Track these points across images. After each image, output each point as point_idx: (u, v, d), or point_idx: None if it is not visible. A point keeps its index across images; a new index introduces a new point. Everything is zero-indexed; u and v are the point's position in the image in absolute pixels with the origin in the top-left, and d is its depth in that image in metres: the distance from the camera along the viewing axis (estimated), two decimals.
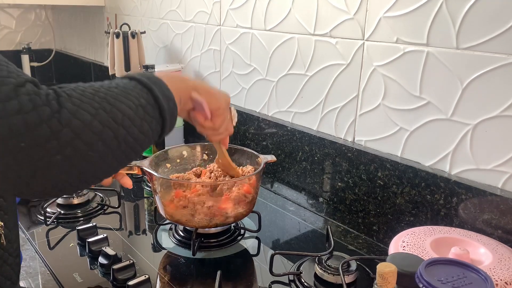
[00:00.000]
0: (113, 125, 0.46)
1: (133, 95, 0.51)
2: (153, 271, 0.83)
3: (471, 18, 0.78)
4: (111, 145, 0.46)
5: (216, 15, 1.34)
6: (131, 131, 0.49)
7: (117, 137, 0.47)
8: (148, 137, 0.52)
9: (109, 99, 0.47)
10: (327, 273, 0.78)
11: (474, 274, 0.56)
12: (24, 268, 0.83)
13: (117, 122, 0.47)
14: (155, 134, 0.54)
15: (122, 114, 0.48)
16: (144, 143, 0.52)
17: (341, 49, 1.00)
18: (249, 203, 0.91)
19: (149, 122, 0.52)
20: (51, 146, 0.41)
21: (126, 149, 0.49)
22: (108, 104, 0.47)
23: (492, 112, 0.78)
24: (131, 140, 0.49)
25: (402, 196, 0.91)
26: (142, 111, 0.51)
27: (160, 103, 0.54)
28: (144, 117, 0.51)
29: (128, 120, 0.48)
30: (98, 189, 1.14)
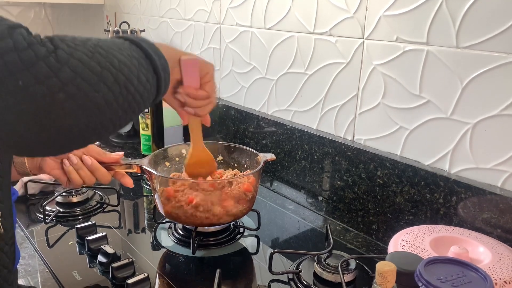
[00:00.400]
0: (111, 69, 0.45)
1: (124, 48, 0.50)
2: (152, 269, 0.83)
3: (471, 17, 0.78)
4: (113, 89, 0.45)
5: (215, 14, 1.34)
6: (130, 78, 0.47)
7: (117, 81, 0.45)
8: (147, 90, 0.51)
9: (102, 45, 0.46)
10: (326, 272, 0.78)
11: (473, 273, 0.56)
12: (23, 266, 0.83)
13: (114, 67, 0.46)
14: (153, 89, 0.53)
15: (118, 60, 0.47)
16: (144, 95, 0.50)
17: (341, 47, 1.00)
18: (248, 201, 0.91)
19: (145, 74, 0.51)
20: (52, 83, 0.39)
21: (128, 97, 0.47)
22: (102, 50, 0.46)
23: (492, 111, 0.78)
24: (132, 89, 0.48)
25: (402, 195, 0.91)
26: (137, 62, 0.50)
27: (152, 57, 0.53)
28: (140, 68, 0.50)
29: (125, 67, 0.47)
30: (97, 188, 1.14)
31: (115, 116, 0.46)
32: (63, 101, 0.40)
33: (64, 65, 0.41)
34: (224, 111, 1.34)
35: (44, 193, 1.13)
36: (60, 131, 0.42)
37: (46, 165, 0.77)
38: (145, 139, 1.38)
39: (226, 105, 1.33)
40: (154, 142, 1.37)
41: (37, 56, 0.39)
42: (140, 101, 0.50)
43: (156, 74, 0.53)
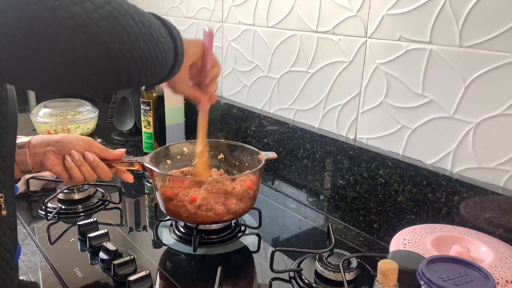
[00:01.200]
0: (136, 11, 0.50)
1: (144, 12, 0.54)
2: (153, 266, 0.83)
3: (474, 16, 0.77)
4: (140, 27, 0.49)
5: (218, 12, 1.34)
6: (152, 26, 0.52)
7: (142, 23, 0.50)
8: (166, 45, 0.55)
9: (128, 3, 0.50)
10: (328, 270, 0.78)
11: (475, 271, 0.56)
12: (25, 262, 0.83)
13: (138, 13, 0.50)
14: (170, 47, 0.57)
15: (141, 11, 0.51)
16: (165, 47, 0.55)
17: (344, 46, 1.00)
18: (250, 200, 0.91)
19: (164, 32, 0.56)
20: (87, 5, 0.43)
21: (152, 40, 0.51)
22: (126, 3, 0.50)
23: (495, 111, 0.78)
24: (154, 35, 0.52)
25: (404, 194, 0.91)
26: (154, 20, 0.54)
27: (167, 25, 0.58)
28: (160, 28, 0.55)
29: (147, 17, 0.52)
30: (99, 185, 1.14)
31: (142, 52, 0.49)
32: (98, 20, 0.43)
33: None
34: (226, 109, 1.34)
35: (46, 190, 1.13)
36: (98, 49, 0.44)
37: (48, 161, 0.77)
38: (147, 137, 1.38)
39: (228, 104, 1.33)
40: (156, 140, 1.37)
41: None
42: (162, 51, 0.54)
43: (173, 39, 0.58)
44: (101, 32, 0.43)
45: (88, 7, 0.43)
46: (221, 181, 0.89)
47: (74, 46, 0.42)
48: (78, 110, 1.57)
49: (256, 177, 0.91)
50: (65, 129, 1.49)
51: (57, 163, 0.78)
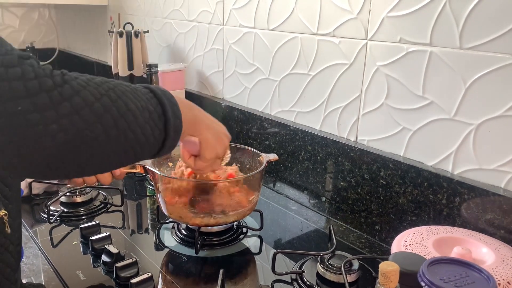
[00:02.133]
0: (115, 114, 0.46)
1: (143, 98, 0.51)
2: (155, 269, 0.83)
3: (475, 18, 0.78)
4: (110, 133, 0.46)
5: (219, 15, 1.34)
6: (132, 127, 0.48)
7: (117, 127, 0.46)
8: (149, 143, 0.51)
9: (116, 91, 0.47)
10: (329, 272, 0.78)
11: (477, 273, 0.56)
12: (27, 265, 0.83)
13: (119, 113, 0.46)
14: (155, 144, 0.53)
15: (127, 108, 0.47)
16: (144, 147, 0.51)
17: (344, 48, 1.00)
18: (250, 202, 0.91)
19: (152, 128, 0.51)
20: (49, 115, 0.41)
21: (125, 145, 0.48)
22: (114, 94, 0.47)
23: (495, 112, 0.78)
24: (132, 137, 0.48)
25: (405, 196, 0.91)
26: (148, 115, 0.50)
27: (168, 116, 0.53)
28: (148, 121, 0.50)
29: (132, 116, 0.48)
30: (101, 188, 1.15)
31: (104, 158, 0.47)
32: (54, 132, 0.41)
33: (66, 100, 0.42)
34: (227, 111, 1.34)
35: (48, 193, 1.13)
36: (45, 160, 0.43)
37: None
38: None
39: (229, 106, 1.34)
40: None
41: (41, 88, 0.41)
42: (138, 151, 0.50)
43: (166, 132, 0.53)
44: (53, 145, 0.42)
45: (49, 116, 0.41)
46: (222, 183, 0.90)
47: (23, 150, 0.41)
48: None
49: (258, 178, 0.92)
50: None
51: None
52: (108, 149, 0.46)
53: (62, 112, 0.42)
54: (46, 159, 0.43)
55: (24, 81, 0.40)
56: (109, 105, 0.45)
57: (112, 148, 0.47)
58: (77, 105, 0.43)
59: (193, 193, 0.89)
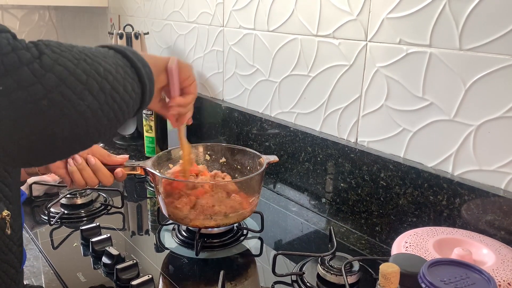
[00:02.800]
0: (96, 77, 0.44)
1: (110, 56, 0.49)
2: (156, 271, 0.83)
3: (474, 19, 0.78)
4: (98, 97, 0.43)
5: (219, 16, 1.35)
6: (115, 87, 0.46)
7: (103, 90, 0.44)
8: (132, 99, 0.50)
9: (87, 53, 0.45)
10: (330, 274, 0.78)
11: (477, 274, 0.56)
12: (28, 267, 0.83)
13: (100, 75, 0.44)
14: (137, 98, 0.52)
15: (104, 68, 0.45)
16: (130, 104, 0.49)
17: (344, 50, 1.00)
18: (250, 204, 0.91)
19: (131, 83, 0.50)
20: (36, 90, 0.38)
21: (114, 106, 0.46)
22: (88, 58, 0.44)
23: (495, 113, 0.78)
24: (117, 97, 0.46)
25: (405, 197, 0.91)
26: (122, 71, 0.49)
27: (137, 66, 0.52)
28: (125, 76, 0.49)
29: (110, 75, 0.46)
30: (101, 190, 1.15)
31: (100, 124, 0.45)
32: (46, 109, 0.38)
33: (48, 71, 0.39)
34: (228, 113, 1.35)
35: (49, 195, 1.13)
36: (42, 139, 0.40)
37: (52, 164, 0.78)
38: (149, 141, 1.38)
39: (230, 107, 1.34)
40: (158, 144, 1.38)
41: (21, 61, 0.38)
42: (125, 109, 0.49)
43: (141, 83, 0.52)
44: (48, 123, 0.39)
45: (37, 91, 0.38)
46: (223, 185, 0.90)
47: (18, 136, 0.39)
48: None
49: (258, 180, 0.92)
50: None
51: (60, 166, 0.78)
52: (101, 116, 0.44)
53: (49, 84, 0.39)
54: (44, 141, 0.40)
55: (1, 56, 0.37)
56: (88, 69, 0.43)
57: (105, 114, 0.45)
58: (60, 74, 0.40)
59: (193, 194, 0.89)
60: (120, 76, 0.47)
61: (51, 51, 0.41)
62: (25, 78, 0.37)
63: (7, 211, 0.57)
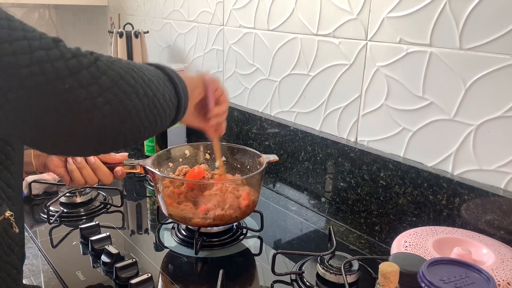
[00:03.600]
0: (142, 84, 0.50)
1: (152, 70, 0.56)
2: (155, 269, 0.83)
3: (475, 19, 0.78)
4: (143, 101, 0.50)
5: (219, 15, 1.34)
6: (156, 94, 0.53)
7: (147, 95, 0.51)
8: (169, 108, 0.56)
9: (134, 64, 0.52)
10: (329, 273, 0.78)
11: (476, 274, 0.56)
12: (27, 266, 0.83)
13: (145, 82, 0.51)
14: (173, 108, 0.58)
15: (148, 78, 0.52)
16: (167, 112, 0.56)
17: (344, 49, 1.00)
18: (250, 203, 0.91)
19: (169, 94, 0.56)
20: (93, 89, 0.44)
21: (154, 110, 0.52)
22: (135, 67, 0.51)
23: (495, 113, 0.78)
24: (158, 103, 0.53)
25: (405, 197, 0.91)
26: (162, 83, 0.55)
27: (174, 81, 0.58)
28: (164, 87, 0.55)
29: (153, 84, 0.53)
30: (101, 188, 1.15)
31: (141, 125, 0.51)
32: (102, 105, 0.45)
33: (103, 74, 0.46)
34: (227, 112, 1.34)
35: (48, 194, 1.13)
36: (97, 131, 0.46)
37: (51, 163, 0.78)
38: (149, 140, 1.38)
39: (229, 106, 1.32)
40: (157, 143, 1.38)
41: (81, 65, 0.44)
42: (163, 115, 0.55)
43: (177, 95, 0.58)
44: (102, 117, 0.45)
45: (94, 90, 0.45)
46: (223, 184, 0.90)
47: (76, 127, 0.45)
48: None
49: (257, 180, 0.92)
50: None
51: (59, 165, 0.78)
52: (143, 117, 0.50)
53: (104, 86, 0.45)
54: (97, 134, 0.46)
55: (65, 61, 0.43)
56: (136, 77, 0.50)
57: (147, 116, 0.51)
58: (113, 77, 0.47)
59: (193, 193, 0.89)
60: (160, 86, 0.54)
61: (104, 59, 0.48)
62: (85, 79, 0.44)
63: (10, 212, 0.57)
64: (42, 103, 0.42)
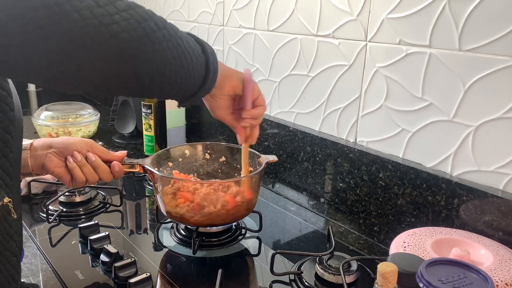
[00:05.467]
0: (162, 20, 0.54)
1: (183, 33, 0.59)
2: (154, 269, 0.83)
3: (474, 20, 0.78)
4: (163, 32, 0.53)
5: (219, 15, 1.35)
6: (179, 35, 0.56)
7: (167, 29, 0.54)
8: (193, 59, 0.58)
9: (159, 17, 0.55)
10: (328, 273, 0.78)
11: (475, 274, 0.56)
12: (26, 265, 0.83)
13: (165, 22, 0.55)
14: (199, 77, 0.60)
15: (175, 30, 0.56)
16: (193, 58, 0.58)
17: (344, 50, 1.00)
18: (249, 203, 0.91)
19: (197, 57, 0.59)
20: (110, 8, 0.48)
21: (177, 48, 0.55)
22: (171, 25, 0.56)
23: (494, 114, 0.78)
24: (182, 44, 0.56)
25: (404, 197, 0.91)
26: (193, 44, 0.59)
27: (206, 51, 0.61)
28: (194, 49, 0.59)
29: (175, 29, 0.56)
30: (100, 188, 1.15)
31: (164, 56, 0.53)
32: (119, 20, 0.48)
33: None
34: None
35: (47, 193, 1.13)
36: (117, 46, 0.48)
37: (50, 163, 0.77)
38: (148, 140, 1.38)
39: None
40: (157, 143, 1.38)
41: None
42: (189, 60, 0.57)
43: (207, 67, 0.61)
44: (121, 31, 0.48)
45: (111, 9, 0.48)
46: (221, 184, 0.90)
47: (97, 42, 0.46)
48: (80, 113, 1.57)
49: (256, 180, 0.92)
50: (66, 132, 1.50)
51: (59, 164, 0.78)
52: (165, 48, 0.53)
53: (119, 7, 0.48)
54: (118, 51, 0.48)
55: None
56: (162, 23, 0.53)
57: (169, 48, 0.54)
58: (129, 4, 0.50)
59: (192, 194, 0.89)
60: (190, 45, 0.58)
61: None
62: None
63: (8, 198, 0.57)
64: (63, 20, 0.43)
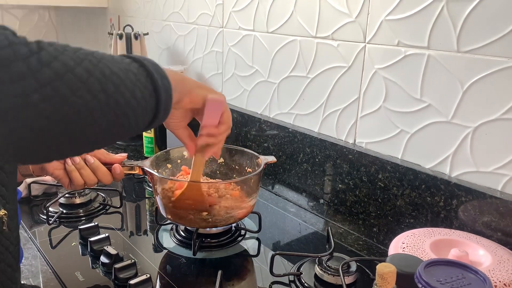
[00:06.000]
0: (99, 77, 0.42)
1: (123, 62, 0.47)
2: (154, 270, 0.84)
3: (472, 22, 0.78)
4: (99, 97, 0.42)
5: (218, 17, 1.35)
6: (121, 91, 0.44)
7: (105, 91, 0.42)
8: (141, 106, 0.47)
9: (96, 55, 0.44)
10: (327, 274, 0.78)
11: (473, 275, 0.56)
12: (26, 267, 0.83)
13: (104, 76, 0.43)
14: (148, 107, 0.49)
15: (110, 70, 0.44)
16: (137, 111, 0.47)
17: (343, 51, 1.01)
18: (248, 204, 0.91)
19: (142, 90, 0.47)
20: (28, 84, 0.37)
21: (117, 109, 0.44)
22: (94, 58, 0.43)
23: (492, 115, 0.78)
24: (122, 101, 0.44)
25: (403, 198, 0.91)
26: (133, 77, 0.47)
27: (153, 77, 0.50)
28: (136, 83, 0.47)
29: (117, 78, 0.44)
30: (100, 189, 1.15)
31: (98, 127, 0.43)
32: (37, 102, 0.37)
33: (44, 66, 0.38)
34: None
35: (47, 195, 1.14)
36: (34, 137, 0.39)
37: (49, 165, 0.77)
38: (148, 142, 1.38)
39: (229, 108, 1.34)
40: (156, 144, 1.38)
41: (16, 56, 0.37)
42: (131, 117, 0.46)
43: (156, 93, 0.50)
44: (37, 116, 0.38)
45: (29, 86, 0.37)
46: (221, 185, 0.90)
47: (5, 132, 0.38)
48: None
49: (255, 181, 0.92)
50: None
51: (58, 167, 0.78)
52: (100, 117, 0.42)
53: (43, 80, 0.38)
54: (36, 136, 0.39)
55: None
56: (91, 69, 0.42)
57: (105, 116, 0.43)
58: (57, 70, 0.39)
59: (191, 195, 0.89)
60: (129, 81, 0.46)
61: (53, 49, 0.40)
62: (18, 72, 0.37)
63: (4, 211, 0.57)
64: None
